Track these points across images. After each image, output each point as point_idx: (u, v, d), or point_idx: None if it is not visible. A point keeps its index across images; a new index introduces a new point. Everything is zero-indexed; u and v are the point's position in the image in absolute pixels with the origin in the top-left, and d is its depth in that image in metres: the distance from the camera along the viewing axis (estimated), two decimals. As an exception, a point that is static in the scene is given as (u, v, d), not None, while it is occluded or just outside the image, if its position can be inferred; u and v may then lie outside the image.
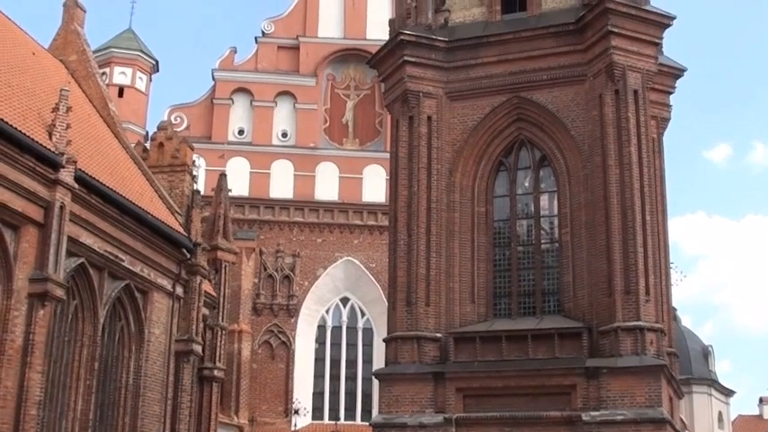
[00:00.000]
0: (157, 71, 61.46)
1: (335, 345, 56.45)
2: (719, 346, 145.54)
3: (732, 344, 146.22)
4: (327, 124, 59.26)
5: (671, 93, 33.01)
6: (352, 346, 56.41)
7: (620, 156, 28.02)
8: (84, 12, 42.01)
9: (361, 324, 56.48)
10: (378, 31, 55.09)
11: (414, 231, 29.68)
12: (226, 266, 42.11)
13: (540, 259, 29.85)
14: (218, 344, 40.05)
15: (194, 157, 43.18)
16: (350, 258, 56.00)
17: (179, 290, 35.12)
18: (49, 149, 27.40)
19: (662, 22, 29.66)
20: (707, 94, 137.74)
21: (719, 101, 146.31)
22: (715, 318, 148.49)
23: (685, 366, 60.29)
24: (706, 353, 71.90)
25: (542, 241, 30.14)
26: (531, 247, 30.17)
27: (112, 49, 58.99)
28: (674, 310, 37.38)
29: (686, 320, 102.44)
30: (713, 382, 70.87)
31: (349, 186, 57.21)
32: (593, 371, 26.70)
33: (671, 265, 33.54)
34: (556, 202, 30.03)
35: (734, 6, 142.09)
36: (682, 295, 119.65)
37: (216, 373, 39.37)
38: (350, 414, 55.47)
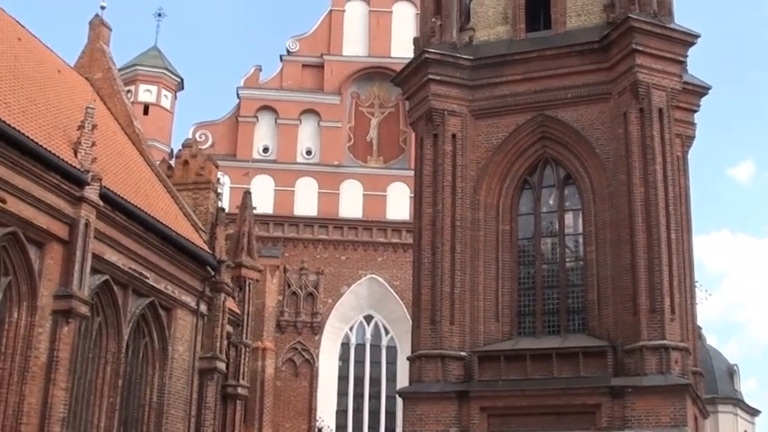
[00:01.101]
0: (182, 89, 61.62)
1: (359, 363, 56.30)
2: (745, 364, 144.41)
3: (758, 362, 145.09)
4: (352, 142, 59.27)
5: (695, 111, 32.84)
6: (375, 364, 56.25)
7: (644, 174, 27.93)
8: (110, 30, 42.23)
9: (384, 342, 56.34)
10: (402, 49, 55.02)
11: (438, 249, 29.64)
12: (250, 284, 42.11)
13: (564, 277, 29.74)
14: (242, 361, 40.03)
15: (219, 174, 43.27)
16: (374, 276, 55.89)
17: (203, 307, 35.15)
18: (75, 167, 27.52)
19: (686, 40, 29.61)
20: (730, 112, 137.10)
21: (742, 118, 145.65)
22: (740, 336, 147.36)
23: (710, 385, 59.93)
24: (731, 372, 71.46)
25: (567, 259, 30.04)
26: (556, 266, 30.08)
27: (138, 67, 59.19)
28: (699, 328, 37.17)
29: (711, 339, 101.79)
30: (738, 402, 70.43)
31: (373, 204, 57.15)
32: (617, 390, 26.57)
33: (696, 284, 33.37)
34: (580, 221, 29.94)
35: (757, 24, 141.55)
36: (707, 313, 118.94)
37: (240, 390, 39.37)
38: (373, 432, 55.43)
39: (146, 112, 57.84)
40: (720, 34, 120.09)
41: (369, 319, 56.57)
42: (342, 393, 55.59)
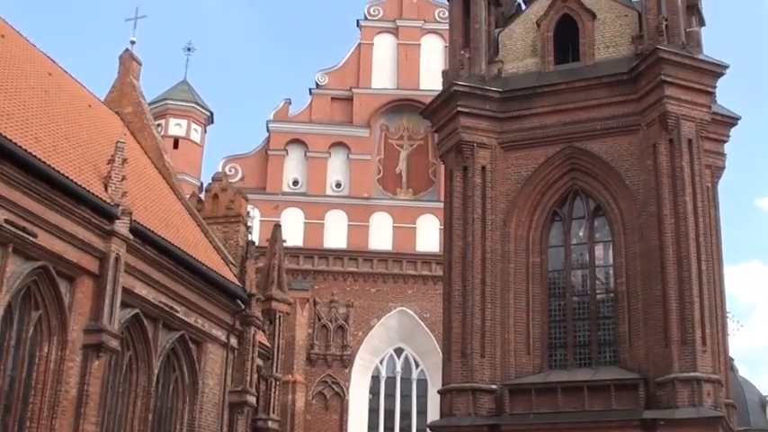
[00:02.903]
0: (212, 122, 61.83)
1: (389, 396, 56.09)
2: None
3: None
4: (381, 174, 59.28)
5: (725, 141, 32.75)
6: (406, 397, 56.01)
7: (675, 205, 27.86)
8: (140, 64, 42.42)
9: (415, 375, 56.11)
10: (431, 81, 55.14)
11: (468, 282, 29.61)
12: (280, 317, 42.04)
13: (595, 310, 29.65)
14: (273, 395, 39.93)
15: (249, 207, 43.30)
16: (404, 308, 55.73)
17: (233, 341, 35.11)
18: (105, 201, 27.59)
19: (715, 71, 29.60)
20: (758, 141, 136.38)
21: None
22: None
23: (743, 417, 59.18)
24: (764, 403, 70.72)
25: (597, 291, 29.96)
26: (587, 298, 29.99)
27: (168, 101, 59.43)
28: (731, 360, 36.88)
29: (743, 370, 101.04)
30: (770, 433, 69.72)
31: (403, 236, 57.08)
32: (649, 423, 26.42)
33: (727, 315, 33.17)
34: (611, 252, 29.88)
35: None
36: (738, 345, 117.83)
37: (270, 424, 39.24)
38: (404, 466, 55.20)
39: (176, 145, 58.04)
40: (748, 63, 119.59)
41: (399, 351, 56.36)
42: (372, 427, 55.34)
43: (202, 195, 42.36)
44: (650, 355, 27.42)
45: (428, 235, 56.52)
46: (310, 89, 60.57)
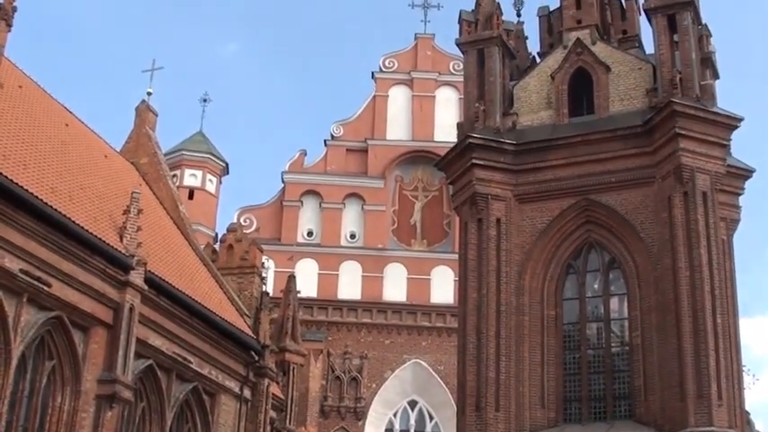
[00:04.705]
0: (227, 173, 62.02)
1: (403, 449, 55.88)
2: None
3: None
4: (395, 225, 59.30)
5: (740, 194, 32.70)
6: (420, 450, 55.77)
7: (690, 258, 27.77)
8: (156, 115, 42.64)
9: (429, 428, 55.78)
10: (445, 133, 55.40)
11: (483, 334, 29.51)
12: (294, 368, 41.91)
13: (610, 363, 29.50)
14: (286, 447, 39.77)
15: (263, 258, 43.33)
16: (418, 360, 55.53)
17: (247, 392, 35.00)
18: (120, 251, 27.67)
19: (729, 123, 29.64)
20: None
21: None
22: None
23: (760, 472, 58.90)
24: (781, 457, 70.24)
25: (612, 344, 29.83)
26: (602, 351, 29.86)
27: (183, 152, 59.62)
28: (747, 413, 36.53)
29: (759, 424, 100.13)
30: (788, 488, 69.10)
31: (417, 288, 56.99)
32: (666, 478, 26.22)
33: (743, 368, 32.96)
34: (626, 305, 29.76)
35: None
36: (755, 398, 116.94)
37: (283, 476, 39.07)
38: None
39: (191, 196, 58.18)
40: (763, 115, 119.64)
41: (413, 404, 56.09)
42: (386, 479, 55.05)
43: (217, 246, 42.40)
44: (666, 408, 27.23)
45: (442, 286, 56.41)
46: (325, 140, 60.78)
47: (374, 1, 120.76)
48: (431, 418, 55.77)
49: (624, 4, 35.35)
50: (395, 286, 57.14)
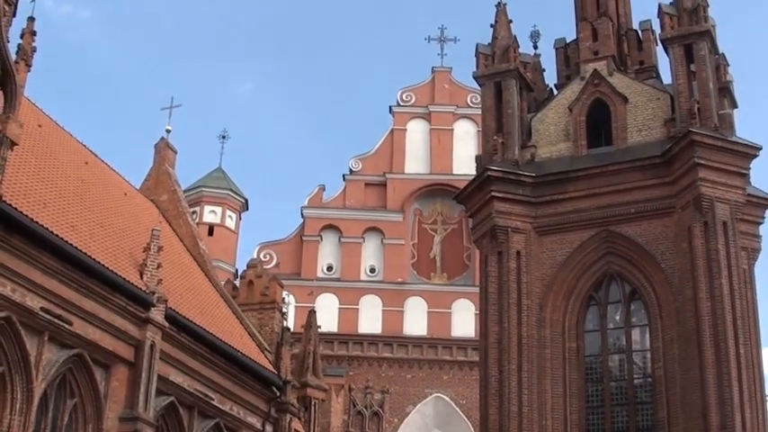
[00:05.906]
0: (247, 209, 62.15)
1: (426, 484, 55.59)
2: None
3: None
4: (415, 259, 59.25)
5: (760, 223, 32.61)
6: (442, 485, 55.47)
7: (711, 288, 27.68)
8: (175, 152, 42.73)
9: (451, 462, 55.60)
10: (464, 166, 55.46)
11: (505, 368, 29.43)
12: (315, 404, 41.77)
13: (633, 395, 29.37)
14: (308, 483, 39.61)
15: (284, 294, 43.31)
16: (440, 395, 55.34)
17: (268, 428, 34.88)
18: (141, 289, 27.69)
19: (748, 152, 29.61)
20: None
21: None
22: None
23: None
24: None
25: (635, 376, 29.71)
26: (624, 383, 29.75)
27: (203, 189, 59.80)
28: (773, 444, 36.35)
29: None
30: None
31: (438, 321, 56.86)
32: None
33: (767, 398, 32.77)
34: (647, 336, 29.67)
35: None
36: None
37: None
38: None
39: (211, 232, 58.31)
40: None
41: (435, 438, 55.88)
42: None
43: (237, 282, 42.41)
44: (690, 440, 27.11)
45: (463, 320, 56.28)
46: (344, 175, 60.88)
47: (390, 35, 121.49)
48: (453, 452, 55.49)
49: (641, 34, 35.32)
50: (415, 320, 57.04)
